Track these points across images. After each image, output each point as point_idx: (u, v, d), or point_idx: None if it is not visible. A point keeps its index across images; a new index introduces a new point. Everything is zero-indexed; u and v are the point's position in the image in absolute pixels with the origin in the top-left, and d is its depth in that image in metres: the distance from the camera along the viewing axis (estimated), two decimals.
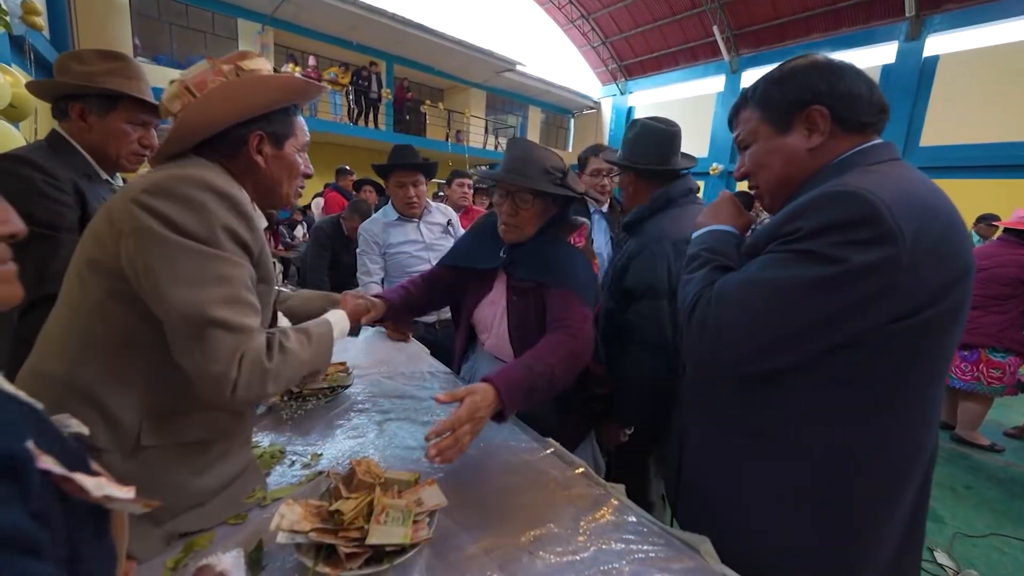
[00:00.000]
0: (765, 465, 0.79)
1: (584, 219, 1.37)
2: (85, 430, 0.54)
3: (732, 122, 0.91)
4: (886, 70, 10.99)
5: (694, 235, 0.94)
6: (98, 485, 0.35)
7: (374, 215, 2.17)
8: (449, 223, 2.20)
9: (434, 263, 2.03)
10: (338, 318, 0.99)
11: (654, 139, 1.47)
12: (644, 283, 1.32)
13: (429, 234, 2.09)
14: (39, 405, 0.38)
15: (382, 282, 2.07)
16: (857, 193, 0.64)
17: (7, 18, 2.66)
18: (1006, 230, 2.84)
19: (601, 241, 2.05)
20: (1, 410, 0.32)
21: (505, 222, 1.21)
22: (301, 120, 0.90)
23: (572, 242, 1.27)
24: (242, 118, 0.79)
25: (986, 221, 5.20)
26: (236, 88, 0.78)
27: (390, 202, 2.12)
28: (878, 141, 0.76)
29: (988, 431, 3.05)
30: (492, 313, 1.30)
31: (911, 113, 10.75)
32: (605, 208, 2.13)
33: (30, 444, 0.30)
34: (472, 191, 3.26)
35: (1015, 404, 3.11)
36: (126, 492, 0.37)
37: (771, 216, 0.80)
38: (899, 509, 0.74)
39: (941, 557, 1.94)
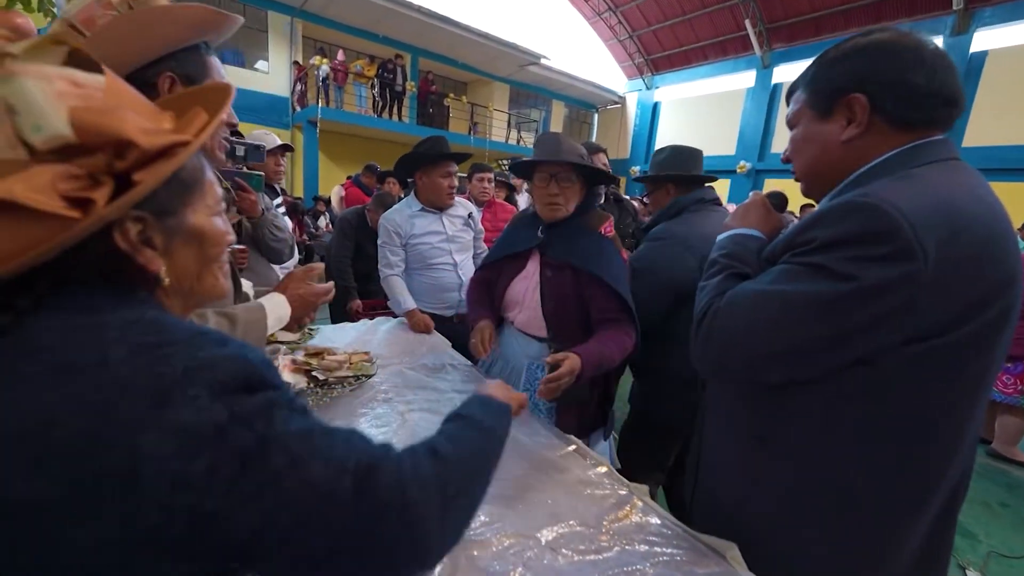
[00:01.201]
0: (775, 473, 0.76)
1: (609, 212, 1.50)
2: None
3: (789, 100, 0.85)
4: None
5: (718, 238, 0.91)
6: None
7: (396, 205, 2.17)
8: (470, 215, 2.20)
9: (455, 255, 2.06)
10: (275, 304, 0.88)
11: (670, 153, 1.63)
12: (633, 267, 1.45)
13: (451, 226, 2.10)
14: None
15: (402, 274, 2.08)
16: (875, 205, 0.60)
17: (55, 10, 2.76)
18: None
19: None
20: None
21: (550, 201, 1.33)
22: (216, 60, 0.79)
23: (603, 231, 1.36)
24: (145, 59, 0.67)
25: None
26: (133, 23, 0.66)
27: (412, 193, 2.12)
28: (930, 139, 0.68)
29: None
30: (524, 287, 1.41)
31: None
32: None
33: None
34: (492, 185, 3.24)
35: None
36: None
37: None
38: (916, 530, 0.70)
39: (973, 575, 1.87)
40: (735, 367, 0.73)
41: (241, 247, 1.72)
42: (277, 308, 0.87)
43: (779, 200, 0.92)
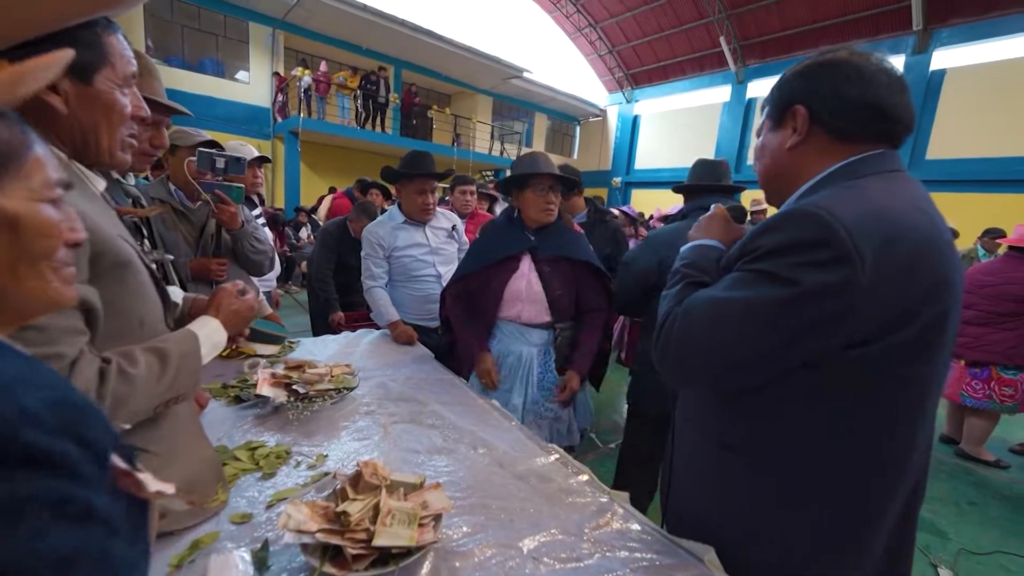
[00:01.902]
0: (738, 478, 0.79)
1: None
2: (126, 424, 0.53)
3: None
4: None
5: (681, 249, 0.94)
6: (150, 480, 0.35)
7: (380, 218, 2.17)
8: (453, 228, 2.22)
9: (439, 267, 2.06)
10: (209, 330, 0.80)
11: (694, 165, 1.85)
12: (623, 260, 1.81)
13: (435, 238, 2.11)
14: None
15: (385, 286, 2.08)
16: (815, 213, 0.63)
17: None
18: (1011, 247, 2.83)
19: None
20: (93, 406, 0.33)
21: (547, 208, 1.61)
22: (121, 41, 0.67)
23: (574, 227, 1.77)
24: (13, 40, 0.54)
25: (991, 235, 5.18)
26: None
27: (397, 205, 2.13)
28: (872, 152, 0.72)
29: (993, 447, 3.02)
30: (523, 284, 1.63)
31: (918, 127, 10.73)
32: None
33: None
34: (475, 196, 3.25)
35: (1020, 419, 3.08)
36: (170, 488, 0.37)
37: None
38: (882, 527, 0.73)
39: (945, 574, 1.93)
40: (692, 373, 0.76)
41: (221, 259, 1.70)
42: (212, 335, 0.80)
43: (738, 213, 0.97)
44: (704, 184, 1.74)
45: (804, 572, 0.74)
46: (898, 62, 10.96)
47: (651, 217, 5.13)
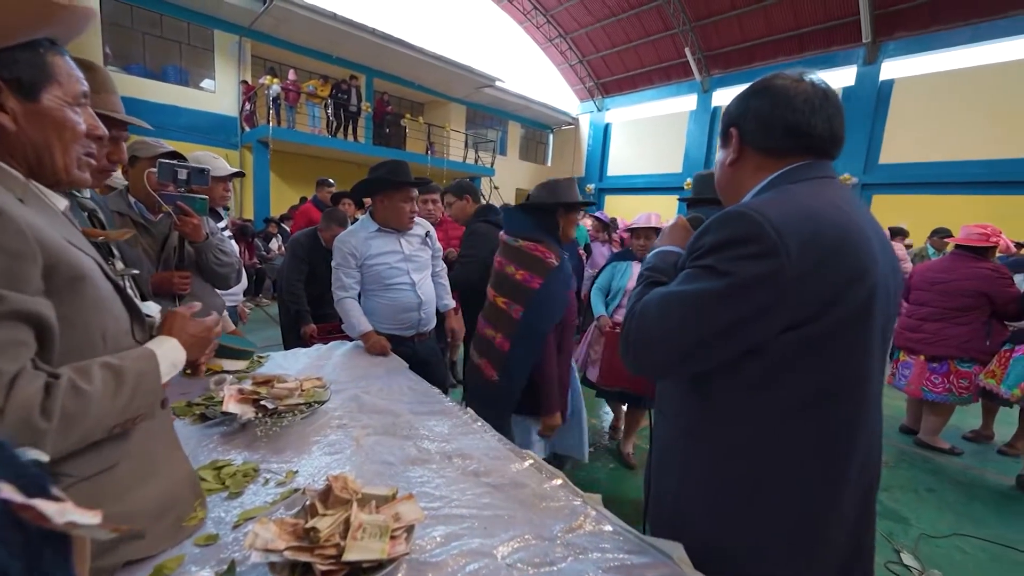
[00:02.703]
0: (707, 465, 0.83)
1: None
2: (45, 457, 0.51)
3: None
4: (847, 92, 11.61)
5: (647, 255, 1.03)
6: (60, 511, 0.33)
7: (352, 227, 2.14)
8: (427, 234, 2.21)
9: (412, 274, 2.05)
10: (167, 348, 0.78)
11: (697, 180, 1.99)
12: None
13: (408, 246, 2.10)
14: None
15: (358, 296, 2.05)
16: (744, 213, 0.73)
17: None
18: (957, 246, 3.01)
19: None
20: None
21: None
22: (68, 62, 0.68)
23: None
24: None
25: (939, 235, 5.50)
26: None
27: (369, 213, 2.10)
28: (800, 163, 0.81)
29: (947, 435, 3.19)
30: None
31: (871, 133, 11.37)
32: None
33: None
34: (438, 205, 3.07)
35: (972, 409, 3.26)
36: (92, 517, 0.35)
37: None
38: (840, 508, 0.77)
39: (907, 559, 2.01)
40: (650, 362, 0.82)
41: (183, 272, 1.65)
42: (170, 353, 0.78)
43: (698, 222, 1.03)
44: (705, 197, 1.82)
45: (773, 560, 0.78)
46: (850, 72, 11.59)
47: (617, 229, 5.23)
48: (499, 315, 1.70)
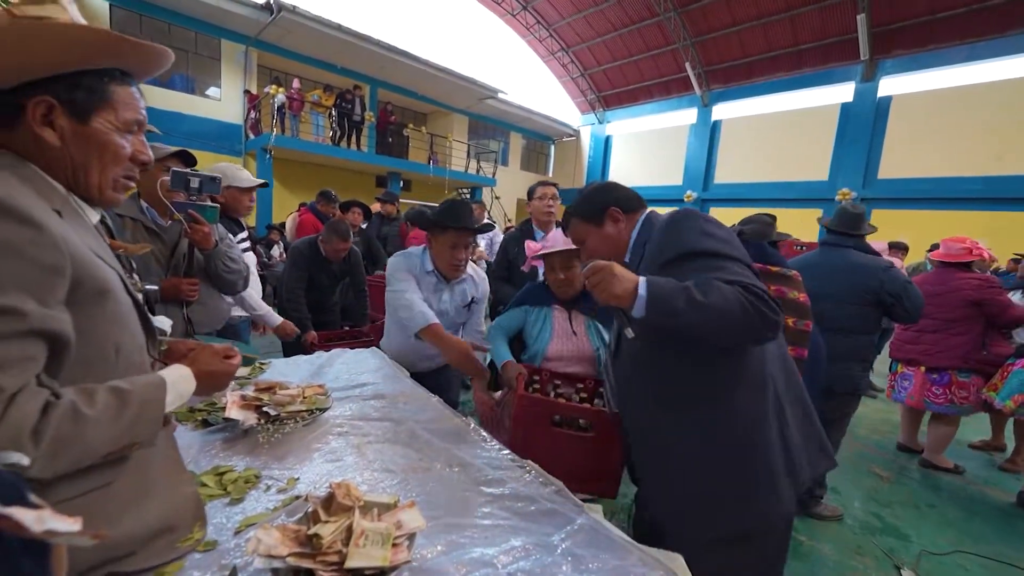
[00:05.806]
0: (673, 434, 1.12)
1: None
2: (26, 461, 0.50)
3: (566, 230, 1.37)
4: (845, 108, 11.76)
5: (650, 292, 1.18)
6: (39, 519, 0.32)
7: (410, 250, 1.92)
8: (472, 300, 1.97)
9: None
10: (178, 377, 0.76)
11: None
12: None
13: (450, 301, 1.90)
14: None
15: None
16: (681, 209, 1.17)
17: None
18: (940, 263, 3.03)
19: None
20: None
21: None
22: (129, 91, 0.72)
23: None
24: (8, 83, 0.62)
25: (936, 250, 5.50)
26: (4, 39, 0.59)
27: (425, 249, 1.89)
28: (643, 212, 1.28)
29: (950, 450, 3.17)
30: None
31: (869, 148, 11.48)
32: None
33: None
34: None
35: (974, 419, 3.25)
36: (71, 524, 0.34)
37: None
38: (770, 448, 1.04)
39: (908, 575, 2.00)
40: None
41: (192, 280, 1.66)
42: (179, 383, 0.76)
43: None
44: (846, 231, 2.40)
45: (733, 511, 1.05)
46: (848, 88, 11.76)
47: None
48: None
